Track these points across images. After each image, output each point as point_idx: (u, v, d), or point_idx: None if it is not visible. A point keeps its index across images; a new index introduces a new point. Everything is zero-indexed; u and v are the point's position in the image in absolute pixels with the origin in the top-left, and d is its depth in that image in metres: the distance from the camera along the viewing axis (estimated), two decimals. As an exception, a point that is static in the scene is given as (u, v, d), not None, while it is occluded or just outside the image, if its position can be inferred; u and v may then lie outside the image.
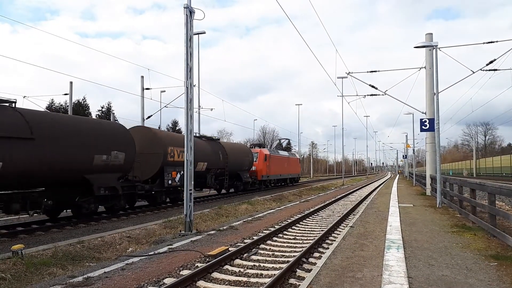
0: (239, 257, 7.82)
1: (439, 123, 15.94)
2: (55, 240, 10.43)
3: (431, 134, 20.15)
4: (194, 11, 11.19)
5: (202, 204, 20.44)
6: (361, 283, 5.28)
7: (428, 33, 20.13)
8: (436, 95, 15.66)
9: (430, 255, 6.97)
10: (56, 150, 11.75)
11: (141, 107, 26.92)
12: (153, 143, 17.71)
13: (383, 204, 16.75)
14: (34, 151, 11.02)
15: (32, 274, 7.06)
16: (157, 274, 6.60)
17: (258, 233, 10.66)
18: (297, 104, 66.10)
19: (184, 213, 11.02)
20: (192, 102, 11.40)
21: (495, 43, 16.48)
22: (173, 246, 8.84)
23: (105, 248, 9.46)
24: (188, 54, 11.10)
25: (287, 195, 26.46)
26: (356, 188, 34.69)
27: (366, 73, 20.68)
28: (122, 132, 15.31)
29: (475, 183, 10.82)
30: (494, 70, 17.53)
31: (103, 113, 62.99)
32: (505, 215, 7.88)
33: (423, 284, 5.22)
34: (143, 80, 27.04)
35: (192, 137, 11.28)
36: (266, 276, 6.57)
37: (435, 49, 15.66)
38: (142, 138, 17.46)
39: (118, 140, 14.62)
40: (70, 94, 28.56)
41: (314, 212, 15.77)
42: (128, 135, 15.47)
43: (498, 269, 6.01)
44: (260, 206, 19.21)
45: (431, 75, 19.92)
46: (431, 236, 8.89)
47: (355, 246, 7.77)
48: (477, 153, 74.95)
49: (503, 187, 8.03)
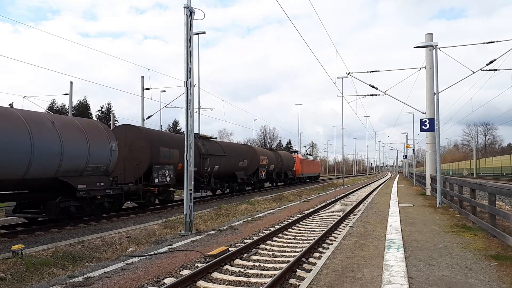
0: (239, 257, 7.82)
1: (439, 123, 15.95)
2: (55, 240, 10.43)
3: (431, 134, 20.15)
4: (194, 11, 11.19)
5: (202, 204, 20.44)
6: (361, 283, 5.28)
7: (428, 33, 20.13)
8: (436, 95, 15.66)
9: (430, 255, 6.97)
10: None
11: (141, 107, 26.93)
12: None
13: (383, 204, 16.75)
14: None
15: (32, 274, 7.06)
16: (157, 274, 6.60)
17: (258, 233, 10.65)
18: (297, 104, 66.21)
19: (184, 213, 11.02)
20: (192, 102, 11.40)
21: (497, 43, 16.49)
22: (173, 246, 8.84)
23: (105, 248, 9.46)
24: (188, 54, 11.10)
25: (287, 195, 26.46)
26: (356, 188, 34.68)
27: (366, 73, 20.72)
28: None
29: (475, 183, 10.82)
30: (494, 70, 17.55)
31: (102, 113, 63.05)
32: (505, 215, 7.87)
33: (423, 284, 5.22)
34: (143, 80, 27.06)
35: (192, 137, 11.28)
36: (266, 276, 6.57)
37: (435, 49, 15.66)
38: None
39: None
40: (70, 94, 28.54)
41: (314, 212, 15.77)
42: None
43: (498, 269, 6.00)
44: (260, 206, 19.20)
45: (431, 75, 19.92)
46: (431, 236, 8.89)
47: (355, 246, 7.76)
48: (477, 153, 74.93)
49: (503, 187, 8.03)
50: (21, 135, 10.64)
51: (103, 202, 14.19)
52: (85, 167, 12.92)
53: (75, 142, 12.47)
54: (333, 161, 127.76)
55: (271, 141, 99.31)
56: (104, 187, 13.73)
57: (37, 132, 11.13)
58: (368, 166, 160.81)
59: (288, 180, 40.36)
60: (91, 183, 13.11)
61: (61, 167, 11.92)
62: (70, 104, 29.78)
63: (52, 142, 11.60)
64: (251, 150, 29.67)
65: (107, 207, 14.56)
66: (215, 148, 23.28)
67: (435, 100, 15.76)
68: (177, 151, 18.50)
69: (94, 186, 13.22)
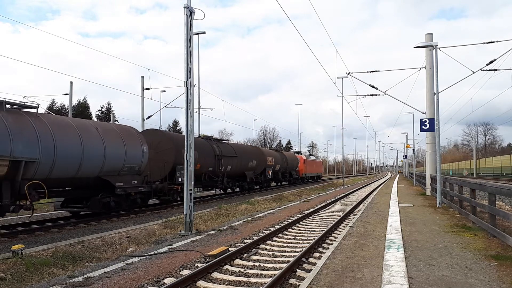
0: (239, 257, 7.81)
1: (439, 123, 15.95)
2: (55, 240, 10.43)
3: (431, 134, 20.15)
4: (194, 11, 11.19)
5: (202, 204, 20.44)
6: (361, 283, 5.28)
7: (428, 33, 20.13)
8: (436, 95, 15.66)
9: (430, 255, 6.97)
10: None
11: (141, 107, 26.95)
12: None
13: (383, 204, 16.75)
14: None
15: (32, 274, 7.06)
16: (157, 274, 6.59)
17: (258, 233, 10.65)
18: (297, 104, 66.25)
19: (184, 213, 11.02)
20: (192, 102, 11.40)
21: (497, 43, 16.50)
22: (173, 246, 8.84)
23: (105, 248, 9.46)
24: (188, 54, 11.10)
25: (287, 195, 26.45)
26: (356, 188, 34.68)
27: (366, 73, 20.73)
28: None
29: (475, 183, 10.82)
30: (494, 70, 17.55)
31: (102, 113, 63.04)
32: (505, 215, 7.87)
33: (423, 284, 5.22)
34: (143, 80, 27.07)
35: (192, 137, 11.28)
36: (266, 276, 6.57)
37: (435, 49, 15.66)
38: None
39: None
40: (70, 94, 28.56)
41: (314, 212, 15.77)
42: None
43: (498, 269, 6.00)
44: (260, 206, 19.20)
45: (431, 75, 19.93)
46: (431, 236, 8.89)
47: (355, 246, 7.76)
48: (477, 153, 74.92)
49: (503, 187, 8.03)
50: (74, 140, 12.48)
51: (136, 198, 15.81)
52: (122, 167, 14.54)
53: (115, 145, 14.14)
54: (333, 161, 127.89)
55: (271, 141, 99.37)
56: (137, 185, 15.47)
57: (85, 137, 12.90)
58: (368, 166, 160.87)
59: (293, 180, 42.32)
60: (126, 181, 14.74)
61: (104, 167, 13.59)
62: (70, 104, 29.79)
63: (97, 146, 13.30)
64: (259, 151, 31.58)
65: (139, 202, 16.14)
66: (228, 150, 24.94)
67: (435, 100, 15.76)
68: (196, 152, 19.81)
69: (129, 184, 14.90)
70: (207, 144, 22.64)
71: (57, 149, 11.68)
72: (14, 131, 10.55)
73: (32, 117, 11.49)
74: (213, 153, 22.65)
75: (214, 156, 22.67)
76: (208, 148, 22.31)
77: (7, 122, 10.51)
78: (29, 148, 10.89)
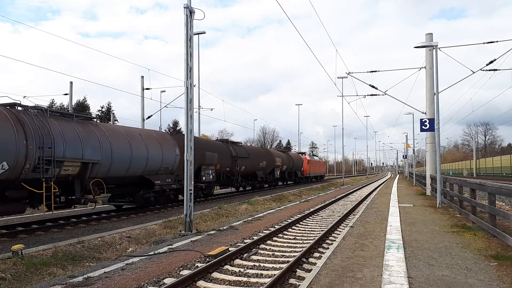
0: (239, 257, 7.82)
1: (439, 123, 15.95)
2: (55, 240, 10.43)
3: (431, 134, 20.15)
4: (194, 11, 11.19)
5: (202, 204, 20.44)
6: (361, 283, 5.28)
7: (428, 33, 20.13)
8: (436, 95, 15.66)
9: (430, 255, 6.97)
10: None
11: (141, 107, 26.95)
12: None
13: (383, 204, 16.75)
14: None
15: (32, 274, 7.06)
16: (157, 274, 6.60)
17: (258, 233, 10.65)
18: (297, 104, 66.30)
19: (184, 213, 11.02)
20: (192, 102, 11.40)
21: (498, 43, 16.50)
22: (173, 246, 8.84)
23: (105, 248, 9.46)
24: (188, 54, 11.10)
25: (287, 195, 26.46)
26: (356, 188, 34.68)
27: (366, 73, 20.72)
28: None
29: (475, 183, 10.82)
30: (494, 70, 17.54)
31: (103, 113, 63.03)
32: (505, 215, 7.87)
33: (423, 284, 5.22)
34: (143, 80, 27.07)
35: (192, 137, 11.27)
36: (266, 276, 6.57)
37: (435, 49, 15.66)
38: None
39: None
40: (70, 94, 28.55)
41: (314, 212, 15.77)
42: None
43: (498, 269, 6.00)
44: (260, 206, 19.20)
45: (431, 75, 19.92)
46: (431, 236, 8.89)
47: (355, 246, 7.76)
48: (477, 153, 74.92)
49: (503, 187, 8.03)
50: (125, 145, 14.84)
51: (170, 194, 18.23)
52: (160, 167, 16.94)
53: (154, 149, 16.57)
54: (333, 161, 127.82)
55: (271, 141, 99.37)
56: (171, 183, 17.89)
57: (133, 143, 15.29)
58: (368, 166, 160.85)
59: (298, 179, 45.02)
60: (162, 179, 17.24)
61: (146, 168, 15.99)
62: (70, 104, 29.78)
63: (141, 150, 15.71)
64: (268, 153, 34.29)
65: (172, 198, 18.60)
66: (242, 151, 27.60)
67: (435, 100, 15.76)
68: (216, 154, 23.15)
69: (164, 182, 17.39)
70: (225, 146, 25.23)
71: (113, 153, 14.01)
72: (83, 138, 12.81)
73: (94, 126, 13.87)
74: (230, 154, 25.26)
75: (231, 157, 25.26)
76: (225, 150, 24.79)
77: (78, 130, 12.74)
78: (94, 152, 13.14)
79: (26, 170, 10.72)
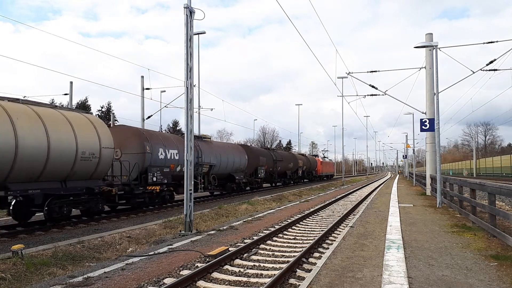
0: (239, 257, 7.82)
1: (439, 123, 15.95)
2: (55, 240, 10.43)
3: (431, 134, 20.15)
4: (194, 11, 11.19)
5: (202, 204, 20.45)
6: (361, 283, 5.28)
7: (428, 33, 20.13)
8: (436, 95, 15.66)
9: (430, 255, 6.97)
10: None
11: (141, 107, 26.97)
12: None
13: (383, 204, 16.75)
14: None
15: (32, 274, 7.06)
16: (157, 274, 6.60)
17: (258, 233, 10.65)
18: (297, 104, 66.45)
19: (184, 213, 11.02)
20: (192, 102, 11.39)
21: (498, 43, 16.50)
22: (173, 246, 8.84)
23: (105, 248, 9.46)
24: (188, 54, 11.10)
25: (287, 195, 26.46)
26: (356, 188, 34.68)
27: (366, 73, 20.74)
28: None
29: (475, 183, 10.82)
30: (494, 70, 17.55)
31: (103, 113, 63.03)
32: (505, 215, 7.88)
33: (423, 284, 5.22)
34: (143, 80, 27.08)
35: (192, 137, 11.27)
36: (266, 276, 6.57)
37: (435, 49, 15.66)
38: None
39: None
40: (70, 94, 28.55)
41: (314, 212, 15.77)
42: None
43: (498, 269, 6.01)
44: (260, 206, 19.19)
45: (431, 75, 19.92)
46: (431, 236, 8.89)
47: (355, 246, 7.76)
48: (477, 153, 74.91)
49: (503, 187, 8.03)
50: (225, 154, 24.77)
51: (241, 185, 27.92)
52: (238, 168, 26.81)
53: (236, 156, 26.47)
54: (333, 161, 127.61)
55: (271, 141, 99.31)
56: (242, 178, 27.63)
57: (228, 153, 25.45)
58: (368, 166, 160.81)
59: (313, 177, 53.45)
60: (239, 175, 26.91)
61: (232, 168, 25.98)
62: (70, 104, 29.76)
63: (232, 157, 25.78)
64: (294, 156, 44.20)
65: (243, 188, 28.88)
66: (278, 156, 37.08)
67: (435, 100, 15.76)
68: (265, 158, 32.92)
69: (240, 177, 27.06)
70: (268, 152, 35.12)
71: (221, 159, 23.83)
72: (208, 151, 22.40)
73: (210, 143, 23.91)
74: (272, 158, 34.75)
75: (273, 160, 34.80)
76: (269, 155, 34.32)
77: (205, 147, 22.37)
78: (213, 158, 22.78)
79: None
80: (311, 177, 52.32)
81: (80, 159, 12.61)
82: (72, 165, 12.39)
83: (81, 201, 13.44)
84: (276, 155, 36.13)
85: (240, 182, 27.11)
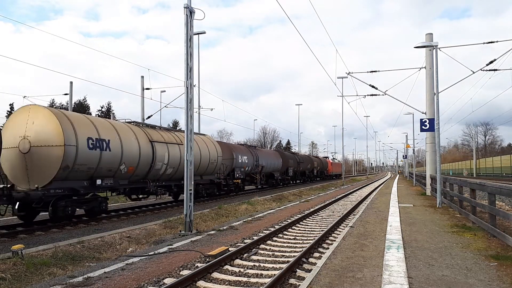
0: (239, 257, 7.82)
1: (439, 123, 15.95)
2: (55, 240, 10.43)
3: (431, 134, 20.15)
4: (194, 11, 11.19)
5: (202, 204, 20.44)
6: (361, 283, 5.28)
7: (428, 33, 20.13)
8: (436, 95, 15.66)
9: (430, 255, 6.97)
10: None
11: (141, 107, 26.94)
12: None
13: (383, 204, 16.75)
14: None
15: (32, 274, 7.06)
16: (157, 274, 6.60)
17: (258, 233, 10.65)
18: (297, 104, 66.61)
19: (184, 213, 11.02)
20: (192, 102, 11.39)
21: (498, 43, 16.50)
22: (173, 246, 8.84)
23: (105, 248, 9.46)
24: (188, 54, 11.10)
25: (287, 195, 26.46)
26: (356, 188, 34.68)
27: (366, 73, 20.74)
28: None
29: (475, 183, 10.82)
30: (494, 70, 17.54)
31: (102, 113, 63.02)
32: (505, 215, 7.88)
33: (423, 284, 5.22)
34: (143, 80, 27.07)
35: (192, 137, 11.27)
36: (266, 276, 6.57)
37: (435, 49, 15.66)
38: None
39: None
40: (70, 94, 28.52)
41: (314, 212, 15.77)
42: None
43: (498, 269, 6.01)
44: (260, 206, 19.19)
45: (431, 75, 19.93)
46: (431, 236, 8.89)
47: (355, 246, 7.77)
48: (477, 153, 74.89)
49: (503, 187, 8.03)
50: (270, 158, 34.53)
51: (278, 181, 36.01)
52: (275, 168, 34.97)
53: (274, 159, 34.87)
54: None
55: (271, 141, 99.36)
56: (279, 176, 35.98)
57: (271, 156, 35.21)
58: (368, 166, 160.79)
59: (324, 176, 61.14)
60: (276, 174, 34.96)
61: (274, 168, 34.36)
62: (70, 104, 29.75)
63: (273, 161, 34.85)
64: (310, 158, 52.58)
65: (279, 183, 36.57)
66: (300, 158, 46.29)
67: (435, 100, 15.76)
68: (292, 160, 41.71)
69: (278, 175, 34.39)
70: (294, 156, 44.61)
71: (267, 162, 32.47)
72: (261, 156, 31.99)
73: (260, 150, 33.84)
74: (296, 160, 43.87)
75: (297, 162, 43.82)
76: (294, 158, 43.63)
77: (259, 152, 32.17)
78: (263, 161, 31.69)
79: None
80: (323, 176, 60.76)
81: (210, 163, 21.67)
82: (207, 166, 21.47)
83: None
84: (299, 158, 45.82)
85: (277, 179, 35.94)
